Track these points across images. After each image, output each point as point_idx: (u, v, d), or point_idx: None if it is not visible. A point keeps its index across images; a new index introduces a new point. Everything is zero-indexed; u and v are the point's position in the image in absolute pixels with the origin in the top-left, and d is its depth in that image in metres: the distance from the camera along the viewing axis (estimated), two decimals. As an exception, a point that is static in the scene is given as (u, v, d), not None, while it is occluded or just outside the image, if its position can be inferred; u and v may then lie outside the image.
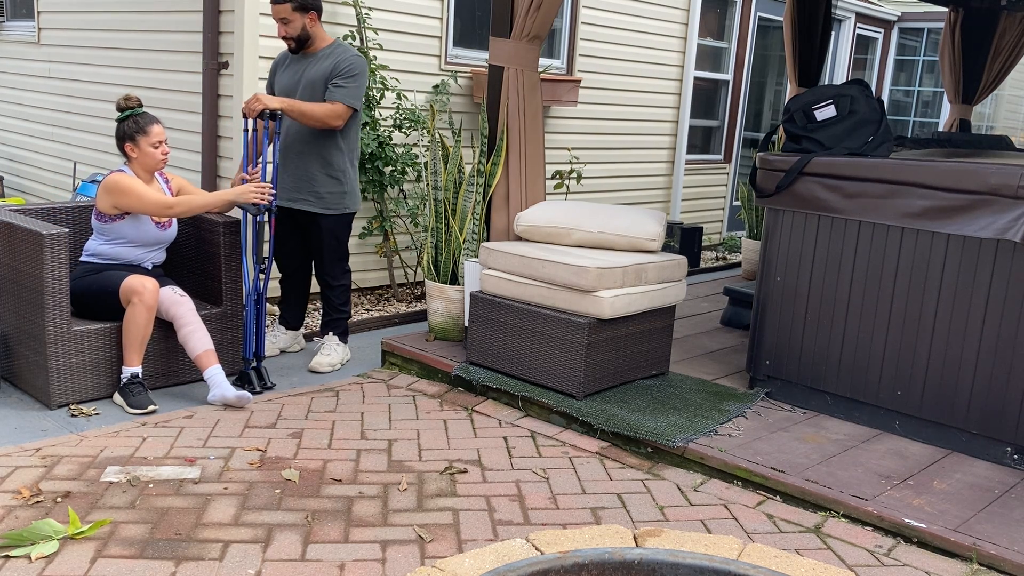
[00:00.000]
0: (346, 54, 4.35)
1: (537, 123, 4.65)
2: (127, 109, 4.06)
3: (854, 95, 4.05)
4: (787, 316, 4.11)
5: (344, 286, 4.65)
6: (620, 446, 3.77)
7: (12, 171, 7.84)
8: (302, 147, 4.40)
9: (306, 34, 4.33)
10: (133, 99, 4.08)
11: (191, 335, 4.02)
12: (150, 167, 4.09)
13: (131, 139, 4.03)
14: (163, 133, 4.09)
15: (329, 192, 4.45)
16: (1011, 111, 13.66)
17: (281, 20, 4.28)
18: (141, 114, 4.07)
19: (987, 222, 3.50)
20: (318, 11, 4.33)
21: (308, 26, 4.32)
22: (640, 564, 1.98)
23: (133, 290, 3.90)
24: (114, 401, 3.99)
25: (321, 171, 4.41)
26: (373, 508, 3.14)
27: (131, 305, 3.91)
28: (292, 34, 4.31)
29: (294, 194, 4.46)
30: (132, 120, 4.04)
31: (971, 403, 3.63)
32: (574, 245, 4.28)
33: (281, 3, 4.23)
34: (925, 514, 3.13)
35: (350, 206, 4.55)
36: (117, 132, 4.07)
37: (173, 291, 4.07)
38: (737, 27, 8.81)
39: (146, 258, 4.19)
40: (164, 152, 4.09)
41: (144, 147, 4.03)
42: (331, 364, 4.63)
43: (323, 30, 4.42)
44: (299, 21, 4.28)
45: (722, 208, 9.21)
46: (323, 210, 4.46)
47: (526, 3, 4.42)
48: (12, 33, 7.62)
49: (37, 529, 2.78)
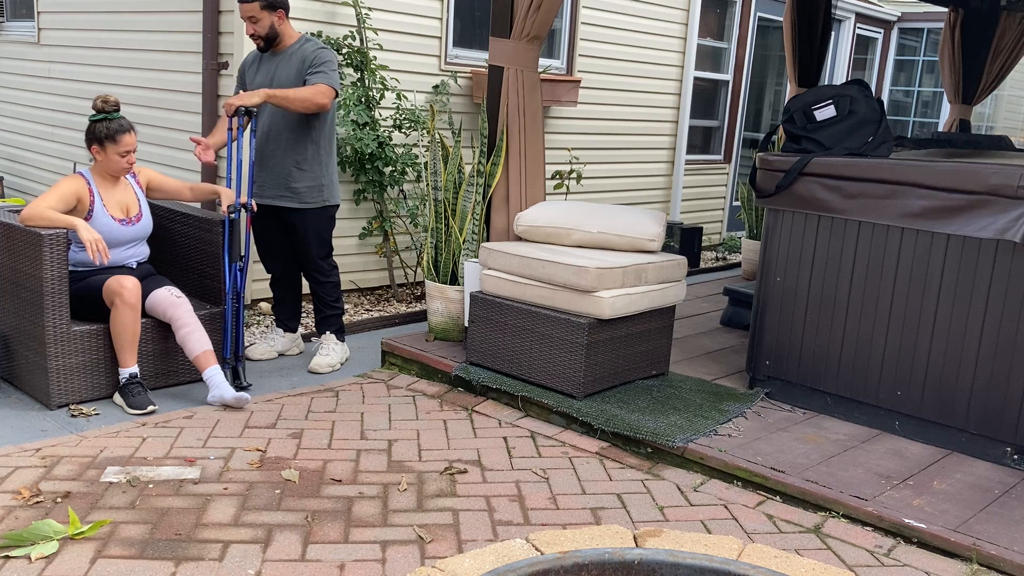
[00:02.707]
0: (314, 47, 4.38)
1: (537, 123, 4.65)
2: (102, 112, 3.99)
3: (854, 95, 4.05)
4: (787, 316, 4.11)
5: (333, 282, 4.65)
6: (620, 446, 3.77)
7: (12, 171, 7.83)
8: (275, 144, 4.43)
9: (274, 32, 4.35)
10: (111, 102, 4.00)
11: (189, 336, 4.01)
12: (112, 172, 4.06)
13: (99, 143, 3.99)
14: (134, 143, 4.03)
15: (306, 187, 4.46)
16: (1011, 111, 13.66)
17: (249, 19, 4.31)
18: (116, 119, 3.99)
19: (987, 222, 3.50)
20: (285, 9, 4.36)
21: (276, 24, 4.34)
22: (640, 564, 1.98)
23: (113, 291, 3.90)
24: (114, 402, 3.99)
25: (296, 166, 4.44)
26: (373, 508, 3.14)
27: (114, 307, 3.91)
28: (260, 32, 4.33)
29: (273, 191, 4.48)
30: (104, 124, 3.97)
31: (971, 403, 3.63)
32: (574, 245, 4.28)
33: (249, 2, 4.26)
34: (925, 514, 3.13)
35: (328, 199, 4.55)
36: (87, 132, 4.02)
37: (169, 292, 4.06)
38: (737, 27, 8.81)
39: (125, 257, 4.14)
40: (130, 162, 4.04)
41: (110, 154, 3.99)
42: (330, 364, 4.63)
43: (291, 27, 4.44)
44: (267, 19, 4.30)
45: (722, 208, 9.21)
46: (301, 205, 4.48)
47: (526, 3, 4.42)
48: (12, 33, 7.62)
49: (37, 529, 2.78)
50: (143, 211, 4.20)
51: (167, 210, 4.55)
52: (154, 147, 5.93)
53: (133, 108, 6.09)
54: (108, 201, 4.07)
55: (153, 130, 5.96)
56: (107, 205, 4.06)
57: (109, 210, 4.05)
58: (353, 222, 5.84)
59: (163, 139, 5.89)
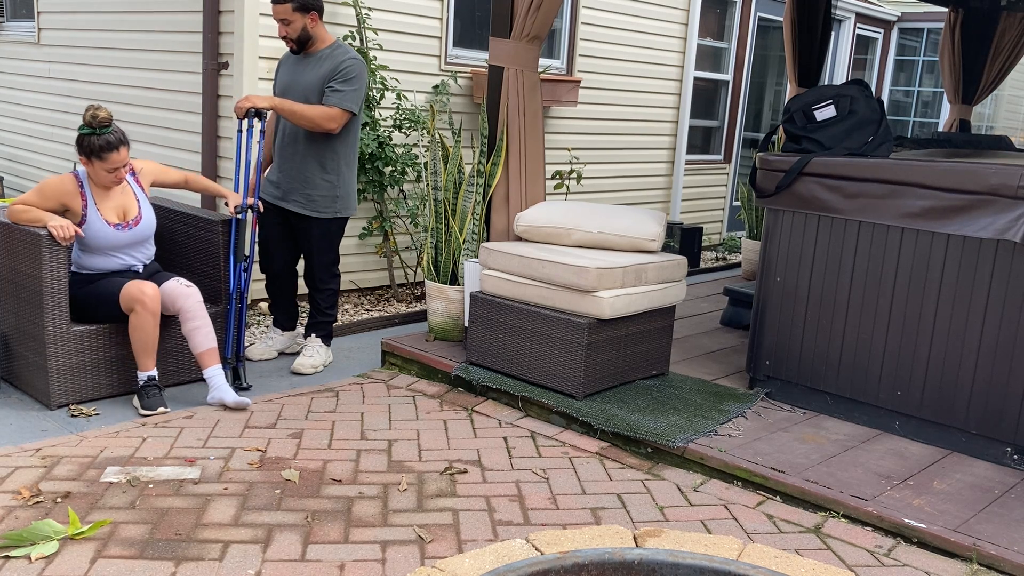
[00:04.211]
0: (344, 56, 4.31)
1: (537, 123, 4.65)
2: (89, 127, 3.79)
3: (854, 95, 4.05)
4: (787, 316, 4.11)
5: (332, 290, 4.62)
6: (620, 446, 3.77)
7: (12, 171, 7.84)
8: (299, 146, 4.37)
9: (307, 35, 4.31)
10: (100, 118, 3.78)
11: (196, 331, 3.97)
12: (101, 185, 3.97)
13: (87, 156, 3.85)
14: (123, 158, 3.86)
15: (321, 195, 4.40)
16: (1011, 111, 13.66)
17: (282, 20, 4.25)
18: (105, 134, 3.80)
19: (987, 222, 3.50)
20: (319, 11, 4.29)
21: (309, 26, 4.29)
22: (640, 564, 1.98)
23: (134, 298, 3.85)
24: (132, 404, 3.99)
25: (316, 173, 4.38)
26: (373, 508, 3.14)
27: (134, 313, 3.87)
28: (292, 35, 4.28)
29: (287, 193, 4.43)
30: (92, 139, 3.80)
31: (971, 403, 3.63)
32: (574, 245, 4.28)
33: (282, 3, 4.20)
34: (925, 514, 3.13)
35: (341, 211, 4.49)
36: (76, 141, 3.85)
37: (179, 282, 4.00)
38: (737, 27, 8.81)
39: (130, 261, 4.10)
40: (119, 177, 3.91)
41: (98, 169, 3.87)
42: (314, 366, 4.61)
43: (324, 30, 4.38)
44: (300, 22, 4.26)
45: (722, 208, 9.22)
46: (312, 213, 4.42)
47: (526, 3, 4.42)
48: (12, 33, 7.62)
49: (37, 529, 2.78)
50: (143, 213, 4.09)
51: (168, 210, 4.54)
52: (154, 147, 5.93)
53: (133, 108, 6.10)
54: (103, 206, 3.97)
55: (153, 130, 5.97)
56: (102, 210, 3.96)
57: (104, 215, 3.96)
58: (353, 222, 5.83)
59: (163, 139, 5.90)
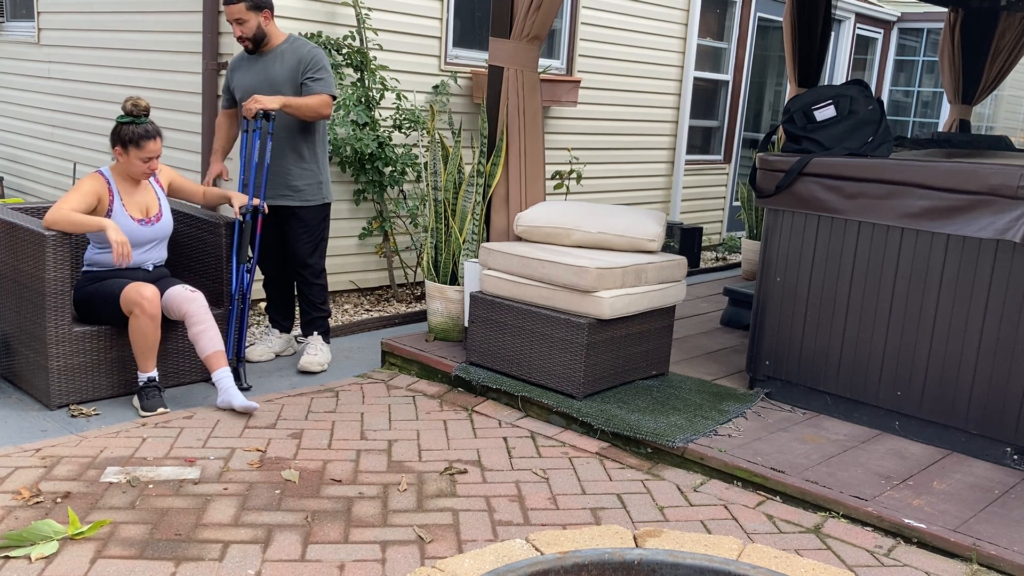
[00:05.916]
0: (306, 47, 4.41)
1: (537, 123, 4.65)
2: (130, 115, 3.94)
3: (854, 95, 4.05)
4: (787, 316, 4.11)
5: (322, 284, 4.68)
6: (620, 446, 3.77)
7: (12, 171, 7.84)
8: (274, 144, 4.43)
9: (261, 33, 4.36)
10: (141, 106, 3.94)
11: (202, 334, 3.97)
12: (132, 175, 4.03)
13: (123, 145, 3.94)
14: (158, 149, 3.98)
15: (306, 184, 4.50)
16: (1011, 111, 13.66)
17: (236, 21, 4.31)
18: (144, 124, 3.94)
19: (987, 222, 3.50)
20: (271, 9, 4.37)
21: (263, 25, 4.34)
22: (640, 564, 1.98)
23: (132, 301, 3.85)
24: (133, 404, 3.99)
25: (295, 165, 4.47)
26: (373, 508, 3.14)
27: (133, 316, 3.87)
28: (247, 34, 4.33)
29: (272, 191, 4.48)
30: (131, 127, 3.91)
31: (971, 403, 3.63)
32: (574, 245, 4.28)
33: (235, 3, 4.26)
34: (925, 514, 3.13)
35: (326, 196, 4.61)
36: (112, 132, 3.98)
37: (184, 287, 4.02)
38: (737, 27, 8.81)
39: (142, 260, 4.12)
40: (152, 168, 4.00)
41: (132, 158, 3.95)
42: (320, 364, 4.63)
43: (277, 27, 4.45)
44: (254, 20, 4.31)
45: (722, 208, 9.22)
46: (301, 203, 4.51)
47: (526, 3, 4.42)
48: (12, 33, 7.63)
49: (37, 529, 2.78)
50: (163, 211, 4.16)
51: (172, 211, 4.53)
52: (154, 147, 5.93)
53: (133, 108, 6.11)
54: (128, 201, 4.03)
55: (153, 130, 5.96)
56: (127, 205, 4.02)
57: (128, 210, 4.02)
58: (353, 222, 5.84)
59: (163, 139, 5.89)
